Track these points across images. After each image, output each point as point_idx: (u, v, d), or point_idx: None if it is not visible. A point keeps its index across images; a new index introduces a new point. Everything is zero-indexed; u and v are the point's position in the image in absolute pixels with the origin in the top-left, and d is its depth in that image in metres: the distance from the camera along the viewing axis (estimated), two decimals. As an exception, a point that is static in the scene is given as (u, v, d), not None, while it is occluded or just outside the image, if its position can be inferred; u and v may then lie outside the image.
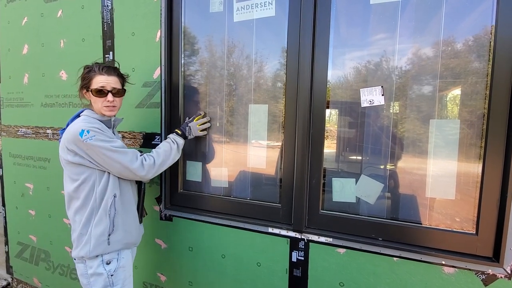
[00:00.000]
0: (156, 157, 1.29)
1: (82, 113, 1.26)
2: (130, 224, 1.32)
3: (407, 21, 1.21)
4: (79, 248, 1.22)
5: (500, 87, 1.07)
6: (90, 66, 1.27)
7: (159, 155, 1.31)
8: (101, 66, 1.25)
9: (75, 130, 1.15)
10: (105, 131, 1.21)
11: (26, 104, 2.08)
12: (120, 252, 1.28)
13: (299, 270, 1.40)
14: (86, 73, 1.25)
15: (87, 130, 1.14)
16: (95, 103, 1.24)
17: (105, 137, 1.18)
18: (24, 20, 2.02)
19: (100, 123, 1.23)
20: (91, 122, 1.20)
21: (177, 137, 1.41)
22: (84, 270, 1.24)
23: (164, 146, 1.36)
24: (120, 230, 1.26)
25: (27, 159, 2.12)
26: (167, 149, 1.34)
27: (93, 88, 1.22)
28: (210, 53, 1.61)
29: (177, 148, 1.38)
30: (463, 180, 1.18)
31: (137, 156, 1.24)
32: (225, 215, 1.54)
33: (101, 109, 1.24)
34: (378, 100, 1.26)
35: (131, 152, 1.23)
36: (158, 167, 1.29)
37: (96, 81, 1.22)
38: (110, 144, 1.17)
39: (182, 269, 1.67)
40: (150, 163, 1.26)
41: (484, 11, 1.10)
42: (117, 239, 1.25)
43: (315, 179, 1.36)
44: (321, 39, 1.31)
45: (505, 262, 1.07)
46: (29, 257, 2.25)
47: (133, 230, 1.33)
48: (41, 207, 2.10)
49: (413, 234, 1.22)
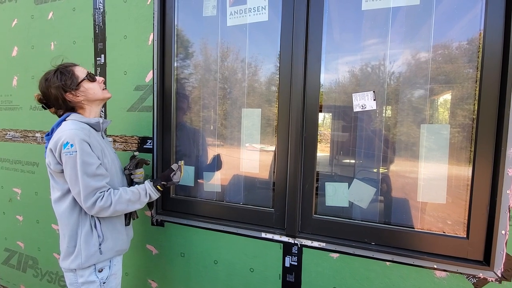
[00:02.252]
0: (115, 201, 1.14)
1: (69, 117, 1.17)
2: (119, 230, 1.27)
3: (398, 27, 1.23)
4: (69, 261, 1.17)
5: (489, 91, 1.09)
6: (53, 70, 1.16)
7: (121, 202, 1.16)
8: (63, 64, 1.18)
9: (59, 139, 1.09)
10: (92, 137, 1.15)
11: (15, 107, 2.03)
12: (112, 259, 1.25)
13: (293, 276, 1.38)
14: (60, 74, 1.14)
15: (71, 144, 1.07)
16: (95, 92, 1.18)
17: (87, 158, 1.10)
18: (14, 22, 1.98)
19: (89, 127, 1.18)
20: (82, 127, 1.13)
21: (154, 191, 1.25)
22: (74, 279, 1.19)
23: (134, 195, 1.20)
24: (110, 239, 1.22)
25: (15, 163, 2.07)
26: (134, 200, 1.20)
27: (84, 76, 1.16)
28: (203, 56, 1.61)
29: (147, 202, 1.25)
30: (454, 183, 1.19)
31: (95, 193, 1.12)
32: (218, 220, 1.52)
33: (102, 93, 1.21)
34: (370, 105, 1.27)
35: (93, 186, 1.11)
36: (112, 212, 1.15)
37: (78, 70, 1.17)
38: (86, 168, 1.09)
39: (174, 276, 1.64)
40: (104, 206, 1.12)
41: (473, 18, 1.13)
42: (109, 248, 1.22)
43: (308, 184, 1.35)
44: (313, 44, 1.31)
45: (495, 266, 1.08)
46: (16, 264, 2.19)
47: (123, 236, 1.30)
48: (29, 213, 2.05)
49: (406, 238, 1.22)
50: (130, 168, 1.37)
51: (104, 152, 1.21)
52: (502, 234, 1.07)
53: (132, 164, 1.38)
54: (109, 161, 1.23)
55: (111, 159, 1.26)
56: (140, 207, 1.24)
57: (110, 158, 1.24)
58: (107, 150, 1.25)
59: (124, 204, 1.18)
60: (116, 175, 1.28)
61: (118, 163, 1.34)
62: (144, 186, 1.25)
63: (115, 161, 1.30)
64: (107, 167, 1.20)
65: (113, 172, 1.25)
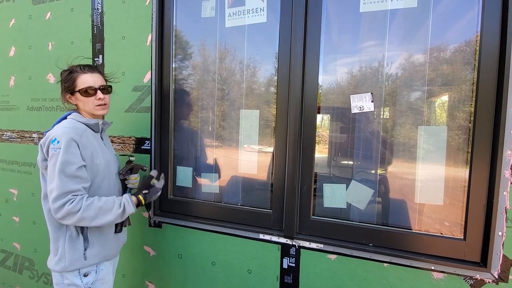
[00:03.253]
0: (84, 207, 1.06)
1: (70, 115, 1.20)
2: (108, 236, 1.22)
3: (396, 29, 1.24)
4: (53, 262, 1.14)
5: (486, 93, 1.09)
6: (69, 68, 1.20)
7: (90, 208, 1.07)
8: (81, 65, 1.19)
9: (49, 135, 1.09)
10: (85, 137, 1.14)
11: (12, 108, 2.02)
12: (99, 264, 1.20)
13: (290, 277, 1.38)
14: (67, 75, 1.18)
15: (58, 141, 1.06)
16: (85, 104, 1.18)
17: (70, 157, 1.07)
18: (12, 22, 1.97)
19: (86, 128, 1.18)
20: (76, 127, 1.13)
21: (130, 203, 1.16)
22: (60, 280, 1.16)
23: (107, 203, 1.11)
24: (97, 245, 1.17)
25: (11, 164, 2.06)
26: (106, 208, 1.10)
27: (80, 88, 1.16)
28: (201, 57, 1.60)
29: (121, 214, 1.13)
30: (452, 184, 1.20)
31: (67, 195, 1.05)
32: (216, 221, 1.51)
33: (93, 109, 1.18)
34: (368, 107, 1.27)
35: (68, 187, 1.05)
36: (79, 218, 1.05)
37: (81, 81, 1.16)
38: (65, 167, 1.05)
39: (171, 277, 1.63)
40: (73, 211, 1.04)
41: (469, 20, 1.13)
42: (94, 253, 1.17)
43: (306, 185, 1.35)
44: (312, 45, 1.32)
45: (492, 267, 1.09)
46: (12, 265, 2.17)
47: (112, 242, 1.24)
48: (26, 214, 2.04)
49: (403, 240, 1.22)
50: (123, 173, 1.31)
51: (97, 154, 1.17)
52: (499, 235, 1.07)
53: (126, 169, 1.32)
54: (101, 162, 1.18)
55: (107, 160, 1.22)
56: (112, 220, 1.11)
57: (105, 160, 1.21)
58: (104, 151, 1.23)
59: (93, 211, 1.07)
60: (110, 177, 1.24)
61: (116, 165, 1.31)
62: (122, 196, 1.18)
63: (110, 162, 1.26)
64: (98, 168, 1.17)
65: (105, 174, 1.20)
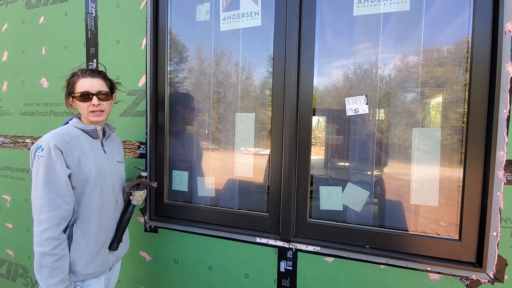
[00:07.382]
0: (52, 243, 1.00)
1: (70, 121, 1.19)
2: (94, 253, 1.13)
3: (389, 32, 1.25)
4: (34, 271, 1.04)
5: (478, 95, 1.11)
6: (77, 70, 1.21)
7: (59, 260, 1.01)
8: (84, 70, 1.19)
9: (39, 141, 1.07)
10: (74, 144, 1.10)
11: (5, 113, 2.00)
12: (84, 281, 1.13)
13: (288, 280, 1.38)
14: (69, 78, 1.19)
15: (43, 148, 1.04)
16: (81, 109, 1.17)
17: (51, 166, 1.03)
18: (4, 27, 1.96)
19: (81, 133, 1.15)
20: (67, 133, 1.11)
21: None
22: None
23: (61, 268, 1.02)
24: (78, 262, 1.10)
25: (4, 170, 2.03)
26: (57, 269, 1.01)
27: (77, 92, 1.15)
28: (197, 61, 1.60)
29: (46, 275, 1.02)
30: (447, 185, 1.21)
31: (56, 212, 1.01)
32: (212, 225, 1.50)
33: (87, 115, 1.15)
34: (363, 109, 1.28)
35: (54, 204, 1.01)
36: (41, 255, 1.00)
37: (79, 85, 1.15)
38: (48, 175, 1.02)
39: (168, 283, 1.61)
40: (40, 229, 1.00)
41: (461, 23, 1.15)
42: (76, 270, 1.09)
43: (303, 188, 1.35)
44: (306, 48, 1.32)
45: (487, 267, 1.09)
46: (5, 273, 2.13)
47: (98, 259, 1.15)
48: (19, 220, 2.01)
49: (400, 241, 1.23)
50: (128, 188, 1.24)
51: (86, 161, 1.11)
52: (493, 235, 1.08)
53: (132, 184, 1.24)
54: (92, 170, 1.12)
55: (99, 169, 1.15)
56: (39, 275, 1.01)
57: (97, 168, 1.14)
58: (99, 159, 1.17)
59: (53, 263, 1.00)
60: (104, 187, 1.16)
61: (116, 175, 1.24)
62: (71, 282, 1.06)
63: (106, 171, 1.18)
64: (88, 176, 1.11)
65: (97, 183, 1.13)
